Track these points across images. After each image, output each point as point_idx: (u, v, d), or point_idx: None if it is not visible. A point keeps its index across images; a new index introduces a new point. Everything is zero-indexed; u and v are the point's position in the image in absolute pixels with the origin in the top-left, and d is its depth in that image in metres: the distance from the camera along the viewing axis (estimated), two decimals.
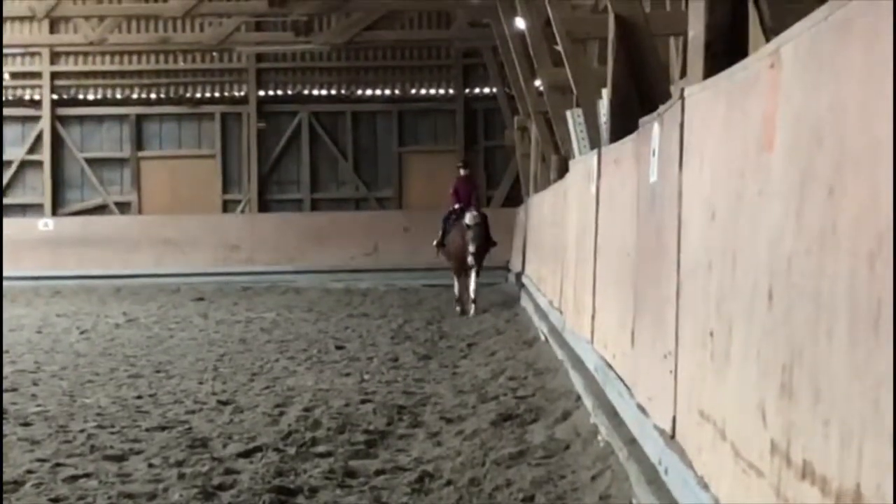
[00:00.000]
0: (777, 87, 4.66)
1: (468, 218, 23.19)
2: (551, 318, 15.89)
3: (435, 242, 24.49)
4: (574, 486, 7.81)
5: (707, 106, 6.24)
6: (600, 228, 11.40)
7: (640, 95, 12.17)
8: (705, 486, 5.54)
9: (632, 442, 7.65)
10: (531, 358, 14.63)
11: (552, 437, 9.49)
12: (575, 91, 17.33)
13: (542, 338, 16.11)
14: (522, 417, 10.53)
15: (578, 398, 10.66)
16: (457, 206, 24.05)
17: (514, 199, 35.44)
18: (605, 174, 11.32)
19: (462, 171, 24.96)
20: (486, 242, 23.77)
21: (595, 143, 14.85)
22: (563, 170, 19.09)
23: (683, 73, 8.65)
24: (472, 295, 23.12)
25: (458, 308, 23.39)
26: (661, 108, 7.86)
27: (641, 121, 8.81)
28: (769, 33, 7.84)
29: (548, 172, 23.86)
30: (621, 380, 8.82)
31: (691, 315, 6.27)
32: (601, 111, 14.29)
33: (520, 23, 23.97)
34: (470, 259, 23.03)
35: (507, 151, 37.00)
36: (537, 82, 23.94)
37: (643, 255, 8.36)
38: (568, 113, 18.04)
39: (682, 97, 6.89)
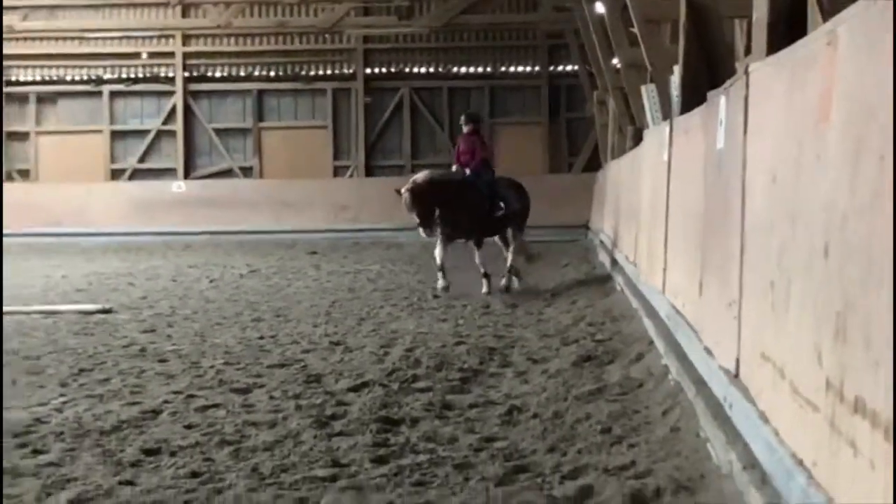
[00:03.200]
0: (833, 63, 4.62)
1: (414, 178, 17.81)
2: (627, 271, 15.84)
3: None
4: (647, 419, 7.80)
5: (770, 80, 6.19)
6: (671, 191, 11.35)
7: (709, 71, 12.05)
8: (766, 420, 5.52)
9: (699, 381, 7.63)
10: (608, 306, 14.60)
11: (627, 377, 9.48)
12: (649, 68, 17.23)
13: (619, 289, 16.08)
14: (600, 359, 10.53)
15: (651, 342, 10.63)
16: (454, 167, 18.87)
17: (594, 165, 35.30)
18: (676, 143, 11.26)
19: (465, 128, 18.97)
20: (488, 205, 18.08)
21: (667, 114, 14.74)
22: (637, 139, 18.96)
23: (748, 51, 8.57)
24: (480, 269, 17.86)
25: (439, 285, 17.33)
26: (728, 82, 7.82)
27: (710, 94, 8.75)
28: (826, 14, 7.76)
29: (624, 141, 23.67)
30: (690, 325, 8.79)
31: (754, 268, 6.25)
32: (673, 86, 14.18)
33: (599, 7, 23.79)
34: (423, 232, 17.52)
35: (588, 123, 36.87)
36: (615, 60, 23.76)
37: (710, 214, 8.32)
38: (643, 88, 17.96)
39: (746, 72, 6.85)
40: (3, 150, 39.07)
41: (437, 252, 17.69)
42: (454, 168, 18.87)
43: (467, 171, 18.37)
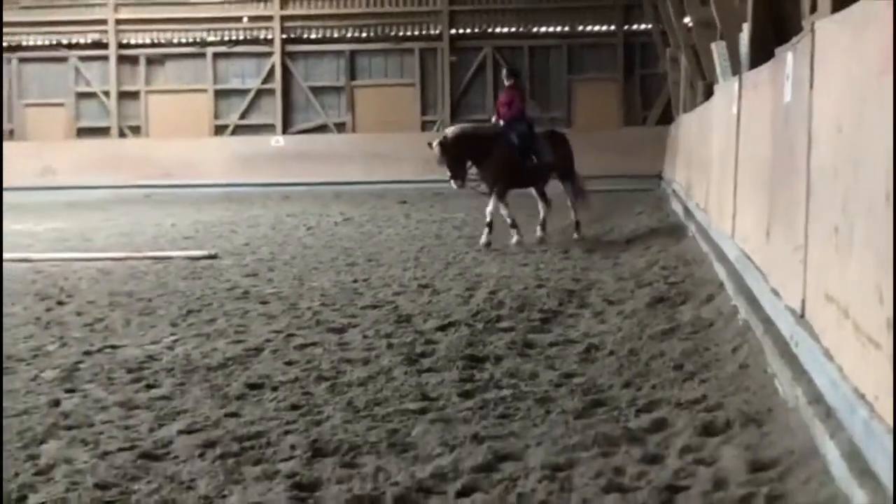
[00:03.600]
0: (892, 19, 4.55)
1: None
2: (698, 218, 15.74)
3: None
4: (717, 356, 7.78)
5: (834, 37, 6.11)
6: (740, 142, 11.25)
7: (776, 29, 11.93)
8: (830, 357, 5.49)
9: (766, 320, 7.59)
10: (681, 251, 14.49)
11: (698, 316, 9.43)
12: (719, 26, 17.03)
13: (690, 235, 15.98)
14: (673, 300, 10.48)
15: (721, 284, 10.57)
16: (493, 120, 17.83)
17: (667, 119, 35.13)
18: (745, 97, 11.15)
19: (506, 82, 17.83)
20: (519, 157, 17.03)
21: (736, 70, 14.58)
22: (708, 94, 18.84)
23: (813, 9, 8.44)
24: (507, 220, 16.99)
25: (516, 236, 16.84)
26: (795, 39, 7.72)
27: (777, 50, 8.66)
28: None
29: (695, 96, 23.48)
30: (758, 269, 8.74)
31: (819, 214, 6.19)
32: (742, 43, 14.00)
33: None
34: (453, 184, 17.05)
35: (661, 79, 36.79)
36: (686, 19, 23.57)
37: (777, 164, 8.25)
38: (713, 45, 17.76)
39: (812, 30, 6.76)
40: (117, 110, 39.58)
41: (490, 207, 16.87)
42: (493, 120, 17.75)
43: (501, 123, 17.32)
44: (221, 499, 5.03)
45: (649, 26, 36.99)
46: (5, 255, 16.23)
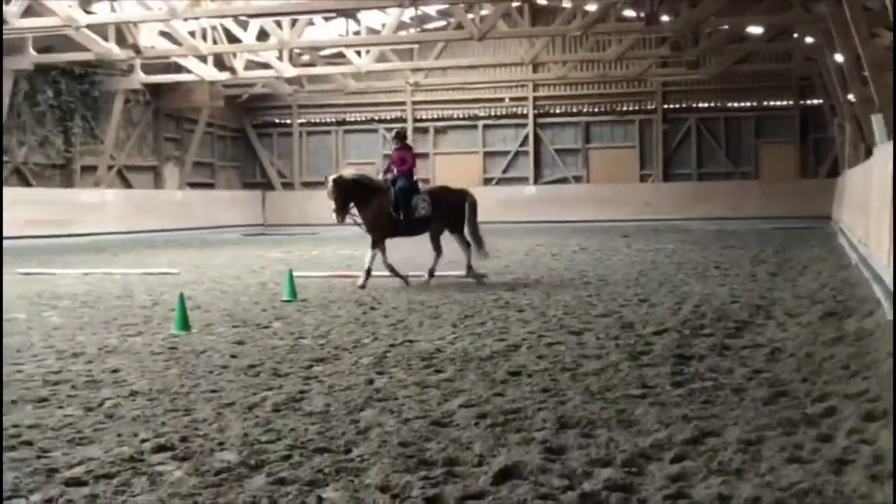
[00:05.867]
0: None
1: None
2: (860, 250, 15.11)
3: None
4: (877, 359, 7.42)
5: None
6: None
7: None
8: None
9: None
10: (846, 276, 13.94)
11: (861, 327, 9.02)
12: (877, 102, 16.40)
13: (854, 263, 15.34)
14: (840, 314, 10.07)
15: (879, 303, 10.11)
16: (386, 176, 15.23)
17: (834, 172, 34.22)
18: None
19: (395, 145, 15.55)
20: (394, 209, 14.85)
21: (891, 136, 13.98)
22: (868, 154, 18.16)
23: None
24: (387, 268, 14.99)
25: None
26: None
27: None
28: None
29: (857, 155, 22.67)
30: None
31: None
32: None
33: (838, 57, 22.89)
34: (334, 216, 14.56)
35: (829, 142, 36.21)
36: (850, 96, 22.79)
37: None
38: (872, 116, 17.09)
39: None
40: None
41: (367, 255, 14.84)
42: (382, 177, 15.45)
43: (389, 178, 15.15)
44: (492, 457, 5.05)
45: (820, 101, 36.14)
46: (335, 272, 16.80)
